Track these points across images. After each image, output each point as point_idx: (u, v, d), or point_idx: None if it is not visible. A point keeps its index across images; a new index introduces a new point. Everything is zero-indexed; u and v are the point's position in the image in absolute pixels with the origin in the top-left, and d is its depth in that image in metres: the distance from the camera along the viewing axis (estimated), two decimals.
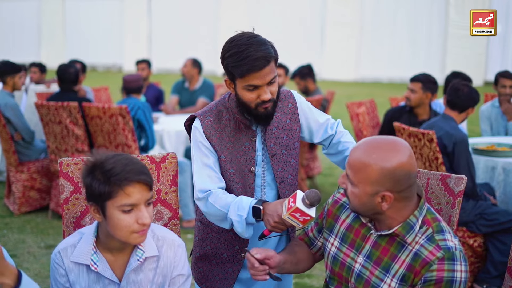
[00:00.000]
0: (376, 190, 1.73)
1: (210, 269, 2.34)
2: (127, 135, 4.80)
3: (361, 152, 1.76)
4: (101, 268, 1.85)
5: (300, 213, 1.95)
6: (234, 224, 2.09)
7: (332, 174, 7.14)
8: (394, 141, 1.76)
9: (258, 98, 2.07)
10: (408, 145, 1.77)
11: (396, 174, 1.71)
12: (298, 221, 1.97)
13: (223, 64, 2.10)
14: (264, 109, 2.10)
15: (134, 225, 1.74)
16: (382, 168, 1.71)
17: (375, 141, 1.78)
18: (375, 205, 1.76)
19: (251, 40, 2.03)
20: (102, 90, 7.64)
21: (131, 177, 1.71)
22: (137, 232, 1.76)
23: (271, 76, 2.05)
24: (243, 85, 2.06)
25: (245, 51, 2.00)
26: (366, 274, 1.85)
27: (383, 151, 1.73)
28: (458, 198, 2.09)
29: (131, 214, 1.74)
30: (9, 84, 5.41)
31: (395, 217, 1.79)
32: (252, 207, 2.06)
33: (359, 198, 1.77)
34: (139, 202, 1.74)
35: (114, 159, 1.73)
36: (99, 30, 23.52)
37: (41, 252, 4.48)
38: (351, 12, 19.54)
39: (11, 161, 5.38)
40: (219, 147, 2.17)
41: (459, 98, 3.88)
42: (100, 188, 1.71)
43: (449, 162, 3.78)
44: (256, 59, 1.99)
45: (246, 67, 2.00)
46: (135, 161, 1.76)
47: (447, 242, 1.75)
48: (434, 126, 3.89)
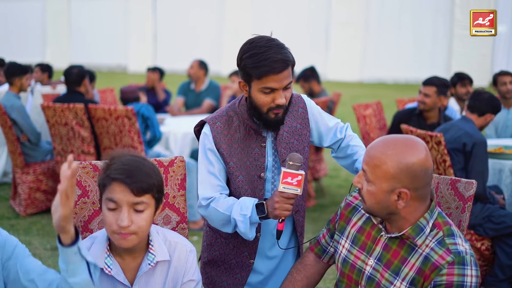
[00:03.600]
0: (393, 186, 1.73)
1: (218, 275, 2.34)
2: (133, 136, 4.80)
3: (379, 148, 1.76)
4: (115, 272, 1.86)
5: (290, 176, 2.01)
6: (237, 224, 2.08)
7: (338, 176, 7.12)
8: (411, 138, 1.77)
9: (273, 102, 2.06)
10: (424, 143, 1.78)
11: (413, 170, 1.71)
12: (293, 186, 2.02)
13: (239, 65, 2.09)
14: (275, 115, 2.09)
15: (114, 224, 1.75)
16: (400, 163, 1.71)
17: (392, 138, 1.78)
18: (391, 203, 1.75)
19: (271, 43, 2.03)
20: (107, 92, 7.64)
21: (113, 175, 1.74)
22: (117, 234, 1.76)
23: (288, 80, 2.05)
24: (259, 87, 2.05)
25: (265, 53, 2.00)
26: (377, 277, 1.85)
27: (400, 147, 1.73)
28: (468, 202, 2.08)
29: (114, 213, 1.75)
30: (16, 86, 5.42)
31: (408, 218, 1.78)
32: (256, 205, 2.06)
33: (375, 196, 1.76)
34: (121, 202, 1.74)
35: (121, 157, 1.78)
36: (104, 31, 23.57)
37: (47, 254, 4.48)
38: (355, 12, 19.51)
39: (17, 163, 5.39)
40: (228, 154, 2.16)
41: (479, 102, 3.93)
42: (99, 179, 1.79)
43: (464, 162, 3.76)
44: (276, 61, 1.99)
45: (266, 68, 2.00)
46: (136, 164, 1.76)
47: (457, 246, 1.74)
48: (453, 126, 3.91)
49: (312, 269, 2.15)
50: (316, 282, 2.16)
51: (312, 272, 2.14)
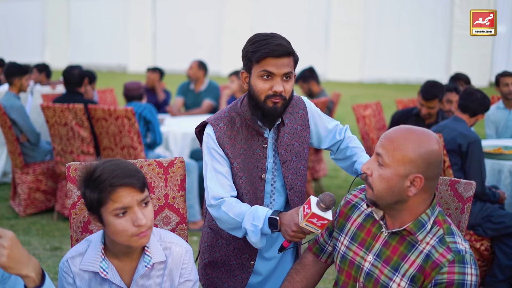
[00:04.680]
0: (409, 171, 1.75)
1: (218, 276, 2.34)
2: (132, 137, 4.80)
3: (398, 134, 1.79)
4: (110, 275, 1.85)
5: (317, 217, 1.94)
6: (248, 233, 2.07)
7: (337, 176, 7.12)
8: (427, 131, 1.82)
9: (270, 89, 2.07)
10: (438, 138, 1.83)
11: (431, 157, 1.75)
12: (316, 226, 1.96)
13: (243, 55, 2.12)
14: (273, 104, 2.08)
15: (131, 228, 1.74)
16: (420, 148, 1.75)
17: (411, 127, 1.82)
18: (403, 189, 1.76)
19: (275, 34, 2.09)
20: (107, 92, 7.64)
21: (115, 182, 1.71)
22: (137, 235, 1.75)
23: (288, 69, 2.07)
24: (258, 71, 2.07)
25: (267, 39, 2.06)
26: (375, 273, 1.85)
27: (419, 136, 1.78)
28: (467, 203, 2.08)
29: (126, 218, 1.73)
30: (16, 86, 5.42)
31: (412, 210, 1.80)
32: (268, 218, 2.05)
33: (388, 180, 1.77)
34: (131, 204, 1.73)
35: (103, 166, 1.74)
36: (104, 31, 23.59)
37: (46, 254, 4.48)
38: (355, 12, 19.52)
39: (16, 163, 5.39)
40: (232, 154, 2.16)
41: (472, 103, 3.91)
42: (92, 197, 1.73)
43: (461, 162, 3.77)
44: (277, 45, 2.04)
45: (265, 50, 2.03)
46: (123, 165, 1.76)
47: (457, 245, 1.75)
48: (446, 127, 3.90)
49: (311, 270, 2.15)
50: (315, 282, 2.16)
51: (311, 272, 2.15)
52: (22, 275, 1.56)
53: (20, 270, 1.55)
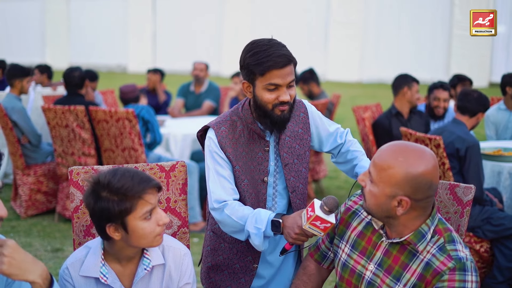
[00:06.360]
0: (395, 192, 1.73)
1: (222, 279, 2.35)
2: (133, 138, 4.81)
3: (389, 153, 1.77)
4: (110, 280, 1.88)
5: (320, 220, 1.96)
6: (251, 236, 2.09)
7: (337, 177, 7.14)
8: (422, 149, 1.77)
9: (277, 99, 2.08)
10: (434, 156, 1.78)
11: (418, 181, 1.72)
12: (319, 229, 1.98)
13: (242, 66, 2.12)
14: (281, 112, 2.10)
15: (156, 228, 1.80)
16: (407, 172, 1.71)
17: (403, 145, 1.78)
18: (391, 208, 1.76)
19: (272, 42, 2.08)
20: (108, 93, 7.65)
21: (145, 186, 1.76)
22: (159, 234, 1.82)
23: (291, 77, 2.08)
24: (263, 84, 2.07)
25: (267, 50, 2.05)
26: (377, 282, 1.86)
27: (410, 156, 1.74)
28: (466, 207, 2.09)
29: (151, 220, 1.79)
30: (17, 88, 5.42)
31: (407, 225, 1.80)
32: (271, 220, 2.06)
33: (376, 198, 1.77)
34: (155, 205, 1.81)
35: (118, 176, 1.76)
36: (104, 31, 23.58)
37: (47, 255, 4.49)
38: (355, 13, 19.52)
39: (17, 164, 5.40)
40: (234, 158, 2.18)
41: (469, 103, 3.91)
42: (119, 207, 1.74)
43: (459, 166, 3.78)
44: (278, 56, 2.04)
45: (269, 63, 2.03)
46: (133, 170, 1.81)
47: (458, 252, 1.75)
48: (445, 130, 3.90)
49: (316, 279, 2.16)
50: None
51: (317, 281, 2.16)
52: (28, 281, 1.58)
53: (25, 276, 1.57)
